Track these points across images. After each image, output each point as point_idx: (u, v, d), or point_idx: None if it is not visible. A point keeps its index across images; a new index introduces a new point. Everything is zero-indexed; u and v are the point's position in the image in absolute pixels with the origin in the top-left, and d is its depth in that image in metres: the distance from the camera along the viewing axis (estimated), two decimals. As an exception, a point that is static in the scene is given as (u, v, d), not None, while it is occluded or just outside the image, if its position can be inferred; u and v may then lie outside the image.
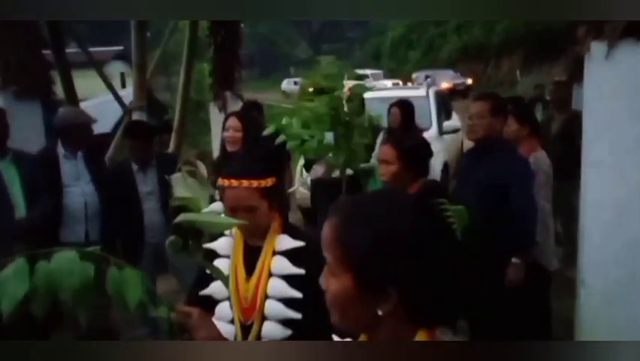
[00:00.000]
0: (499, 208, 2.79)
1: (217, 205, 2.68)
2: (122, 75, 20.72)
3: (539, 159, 3.38)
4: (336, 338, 1.17)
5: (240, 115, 3.74)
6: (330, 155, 3.77)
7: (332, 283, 0.96)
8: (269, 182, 1.69)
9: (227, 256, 1.84)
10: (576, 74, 5.62)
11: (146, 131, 4.04)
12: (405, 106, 5.28)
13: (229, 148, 3.47)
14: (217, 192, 1.94)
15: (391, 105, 5.39)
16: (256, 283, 1.77)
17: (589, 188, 2.85)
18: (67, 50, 5.66)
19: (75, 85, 5.53)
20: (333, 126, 3.56)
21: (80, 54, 6.43)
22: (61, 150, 3.84)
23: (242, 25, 7.41)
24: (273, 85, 34.24)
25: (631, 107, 2.59)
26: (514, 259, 2.90)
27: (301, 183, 6.38)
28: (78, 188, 3.82)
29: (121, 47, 24.52)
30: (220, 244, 1.87)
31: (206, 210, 1.74)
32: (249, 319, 1.75)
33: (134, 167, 3.95)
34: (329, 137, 3.49)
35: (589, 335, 2.79)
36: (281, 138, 3.43)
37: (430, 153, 2.73)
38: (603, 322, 2.73)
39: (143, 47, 5.96)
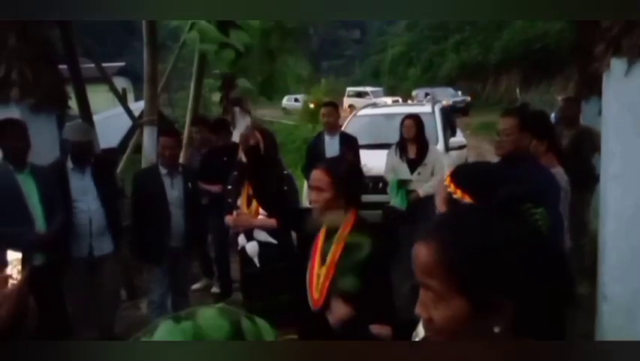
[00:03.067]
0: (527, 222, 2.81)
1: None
2: (124, 91, 20.84)
3: (558, 174, 3.41)
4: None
5: (263, 130, 3.70)
6: None
7: (441, 309, 0.91)
8: None
9: None
10: (585, 90, 5.71)
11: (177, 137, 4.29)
12: (418, 119, 5.43)
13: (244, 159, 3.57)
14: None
15: (405, 118, 5.50)
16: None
17: (608, 202, 2.88)
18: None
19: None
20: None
21: (88, 69, 6.49)
22: (69, 164, 3.92)
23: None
24: (274, 101, 34.39)
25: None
26: None
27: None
28: (84, 204, 3.87)
29: (122, 63, 24.71)
30: None
31: None
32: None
33: (163, 171, 4.09)
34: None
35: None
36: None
37: (363, 183, 2.55)
38: (626, 337, 2.73)
39: (155, 61, 6.01)
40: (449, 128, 8.58)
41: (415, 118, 5.45)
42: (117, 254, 4.17)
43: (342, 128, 8.41)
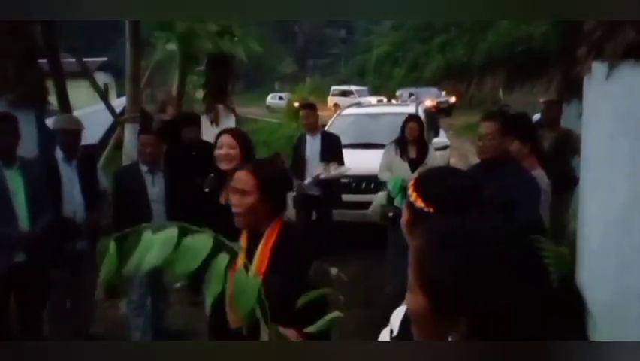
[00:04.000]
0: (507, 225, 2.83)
1: None
2: (106, 86, 20.63)
3: (539, 177, 3.44)
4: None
5: (236, 133, 3.53)
6: None
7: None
8: None
9: None
10: (567, 93, 5.77)
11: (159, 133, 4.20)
12: (421, 121, 5.58)
13: (222, 166, 3.22)
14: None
15: (408, 119, 5.64)
16: None
17: (587, 204, 2.91)
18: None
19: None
20: None
21: (69, 64, 6.40)
22: (59, 153, 3.96)
23: (235, 38, 7.46)
24: (258, 99, 34.33)
25: (628, 126, 2.67)
26: None
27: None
28: (70, 196, 3.87)
29: (104, 58, 24.44)
30: None
31: None
32: None
33: (143, 168, 4.07)
34: None
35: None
36: None
37: (290, 187, 2.38)
38: (603, 336, 2.76)
39: (138, 59, 5.95)
40: (433, 129, 8.64)
41: (418, 119, 5.62)
42: (95, 251, 4.13)
43: (327, 127, 8.46)
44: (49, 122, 4.68)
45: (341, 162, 5.75)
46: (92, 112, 10.11)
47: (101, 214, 4.18)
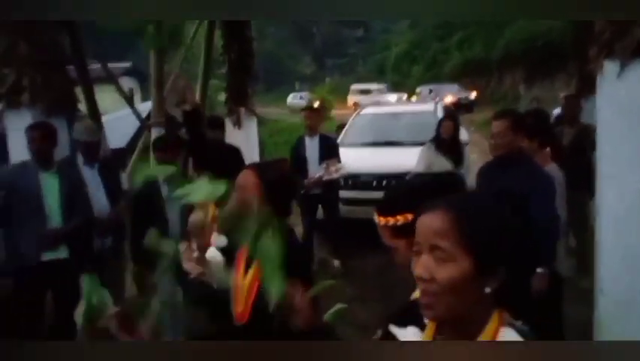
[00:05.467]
0: (523, 220, 2.90)
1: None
2: (131, 91, 20.98)
3: (552, 171, 3.50)
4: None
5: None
6: None
7: (447, 268, 1.07)
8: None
9: None
10: (585, 89, 5.78)
11: (174, 145, 4.13)
12: (456, 121, 5.67)
13: None
14: None
15: (444, 119, 5.75)
16: None
17: (604, 199, 2.97)
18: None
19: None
20: None
21: (95, 70, 6.60)
22: (80, 158, 4.20)
23: (255, 42, 7.59)
24: (278, 99, 34.52)
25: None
26: (539, 269, 3.01)
27: None
28: (95, 198, 4.05)
29: (129, 64, 24.84)
30: None
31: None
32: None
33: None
34: None
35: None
36: None
37: (293, 194, 2.35)
38: (621, 328, 2.82)
39: (161, 65, 6.11)
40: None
41: (454, 118, 5.71)
42: (119, 251, 4.31)
43: (346, 127, 8.57)
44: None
45: (339, 161, 5.92)
46: (119, 117, 10.37)
47: (124, 215, 4.35)
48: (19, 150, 4.24)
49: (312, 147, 5.91)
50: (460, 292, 1.06)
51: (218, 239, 2.75)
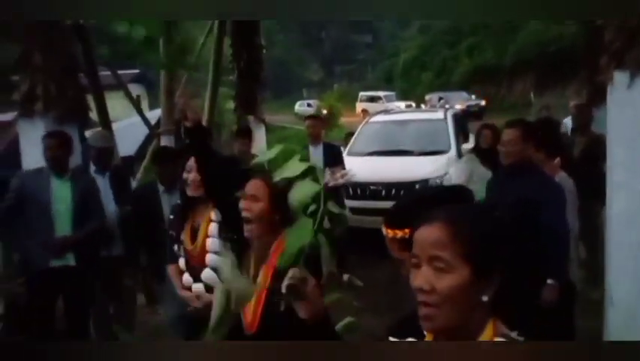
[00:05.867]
0: (532, 230, 2.89)
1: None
2: (138, 98, 21.13)
3: (562, 180, 3.49)
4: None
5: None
6: None
7: (445, 279, 1.09)
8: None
9: None
10: (596, 98, 5.73)
11: (172, 157, 4.02)
12: (495, 129, 5.55)
13: (189, 192, 2.86)
14: None
15: (482, 127, 5.63)
16: None
17: (614, 209, 2.95)
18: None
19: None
20: None
21: (105, 77, 6.67)
22: (92, 167, 4.28)
23: (264, 50, 7.64)
24: (286, 107, 34.64)
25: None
26: (549, 281, 3.00)
27: None
28: (105, 205, 4.09)
29: (136, 70, 25.03)
30: None
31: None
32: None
33: (160, 188, 3.94)
34: None
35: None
36: None
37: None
38: (631, 339, 2.79)
39: (172, 74, 6.18)
40: (461, 134, 8.65)
41: (493, 128, 5.55)
42: (127, 258, 4.33)
43: (355, 135, 8.57)
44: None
45: (343, 168, 5.89)
46: (127, 125, 10.46)
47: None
48: (31, 158, 4.30)
49: (315, 156, 5.88)
50: (459, 301, 1.09)
51: (211, 259, 2.77)
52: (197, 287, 2.80)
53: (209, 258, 2.76)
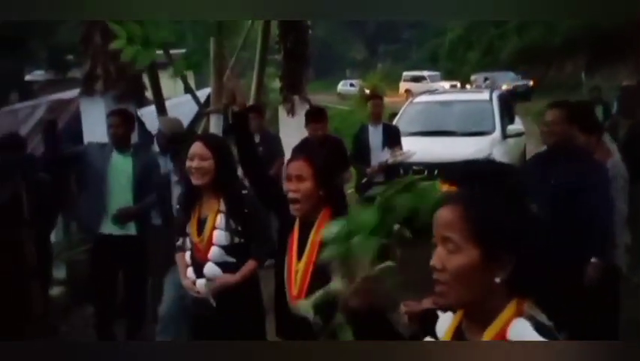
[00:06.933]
0: (576, 210, 2.93)
1: None
2: (185, 77, 21.43)
3: (616, 163, 3.49)
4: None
5: (209, 140, 2.80)
6: None
7: (455, 259, 1.14)
8: None
9: None
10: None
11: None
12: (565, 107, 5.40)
13: (194, 181, 2.69)
14: None
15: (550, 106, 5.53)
16: None
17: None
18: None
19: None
20: None
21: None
22: (155, 147, 4.49)
23: (310, 31, 7.71)
24: (329, 87, 34.55)
25: None
26: (593, 259, 3.04)
27: None
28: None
29: (184, 50, 25.42)
30: None
31: None
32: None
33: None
34: None
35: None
36: None
37: (342, 175, 2.46)
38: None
39: (222, 54, 6.33)
40: (507, 115, 8.55)
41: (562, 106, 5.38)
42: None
43: (398, 116, 8.59)
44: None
45: (401, 149, 5.93)
46: (178, 103, 10.76)
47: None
48: (92, 133, 4.60)
49: (375, 136, 5.90)
50: (469, 281, 1.13)
51: (215, 253, 2.66)
52: (201, 283, 2.67)
53: (214, 251, 2.65)
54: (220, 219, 2.64)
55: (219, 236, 2.64)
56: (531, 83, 26.79)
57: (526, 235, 1.16)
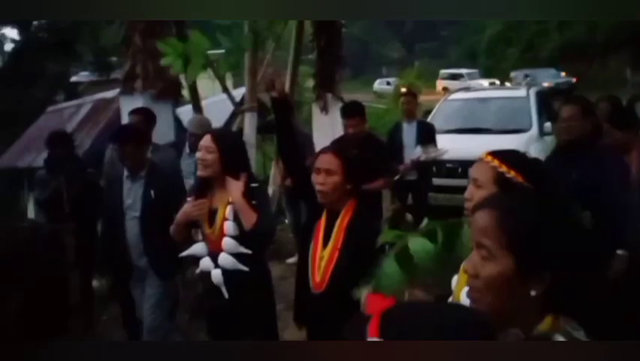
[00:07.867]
0: (599, 204, 2.90)
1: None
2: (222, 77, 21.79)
3: None
4: None
5: (217, 135, 2.79)
6: None
7: (489, 267, 1.08)
8: None
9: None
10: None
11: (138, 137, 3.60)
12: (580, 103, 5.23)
13: (199, 172, 2.74)
14: None
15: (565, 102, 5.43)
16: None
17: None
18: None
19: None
20: None
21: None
22: (186, 148, 4.54)
23: (344, 29, 7.74)
24: (365, 85, 34.48)
25: None
26: (619, 251, 3.00)
27: None
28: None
29: (221, 51, 25.82)
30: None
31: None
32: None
33: (125, 173, 3.55)
34: None
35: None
36: None
37: (369, 169, 2.51)
38: None
39: (256, 54, 6.44)
40: (546, 112, 8.39)
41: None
42: None
43: (433, 112, 8.53)
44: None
45: (435, 145, 5.87)
46: (214, 102, 10.99)
47: None
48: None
49: (409, 133, 5.89)
50: (501, 290, 1.07)
51: (228, 243, 2.67)
52: (216, 274, 2.69)
53: (226, 242, 2.67)
54: (230, 210, 2.67)
55: (230, 227, 2.67)
56: (574, 79, 26.09)
57: (568, 253, 1.08)
